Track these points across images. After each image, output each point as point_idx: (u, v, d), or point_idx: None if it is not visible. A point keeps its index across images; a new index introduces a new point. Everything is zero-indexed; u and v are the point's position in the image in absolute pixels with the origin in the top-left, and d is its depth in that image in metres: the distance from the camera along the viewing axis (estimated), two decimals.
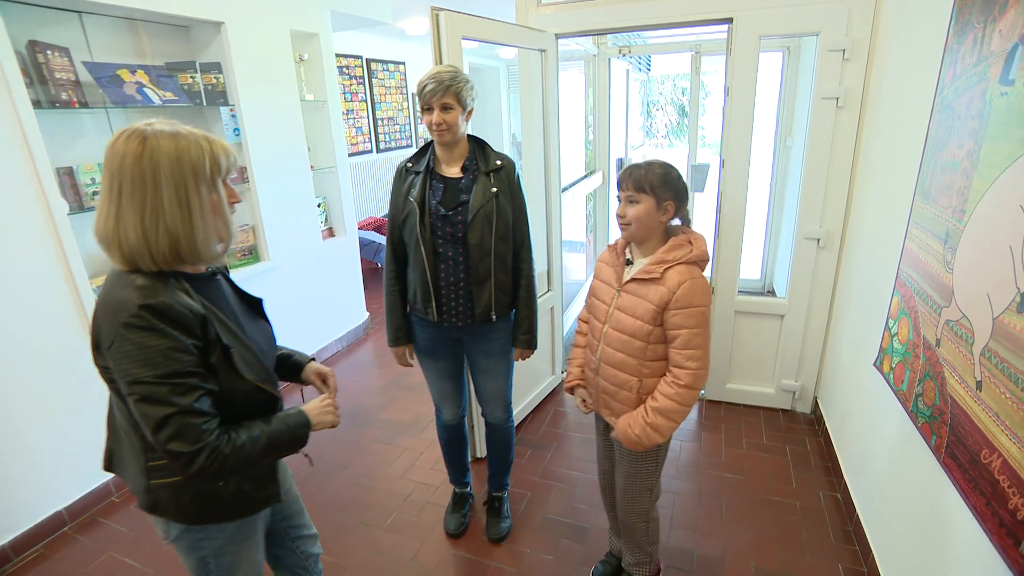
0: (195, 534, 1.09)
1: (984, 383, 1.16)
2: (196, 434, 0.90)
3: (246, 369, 1.01)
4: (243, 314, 1.14)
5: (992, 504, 1.11)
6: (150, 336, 0.89)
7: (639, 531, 1.66)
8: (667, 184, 1.36)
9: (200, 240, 0.96)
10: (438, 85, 1.52)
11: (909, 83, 1.78)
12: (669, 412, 1.40)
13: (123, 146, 0.91)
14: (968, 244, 1.26)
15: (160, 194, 0.91)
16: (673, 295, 1.34)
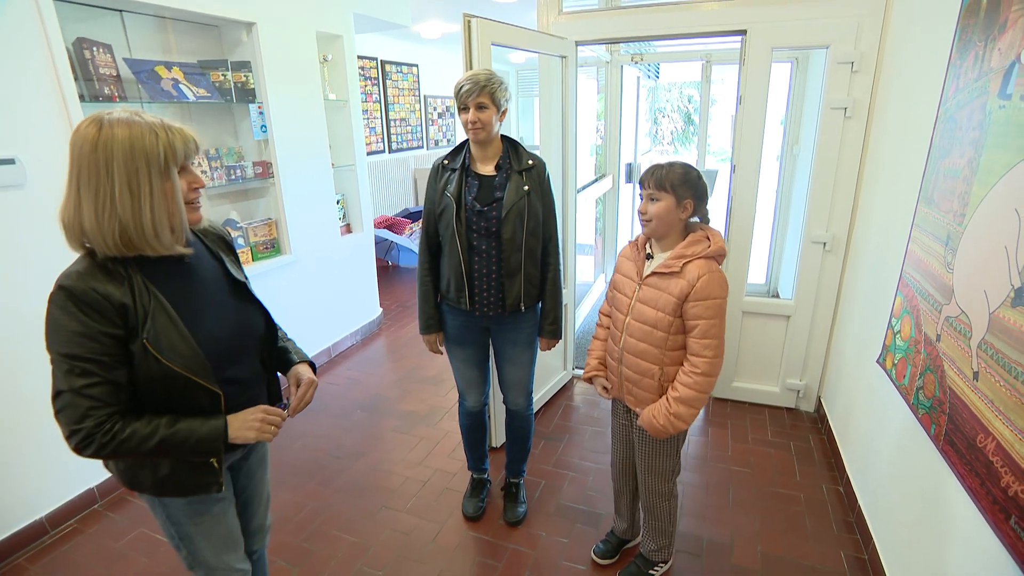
0: (150, 499, 1.16)
1: (981, 373, 1.25)
2: (78, 416, 0.94)
3: (170, 356, 1.00)
4: (217, 300, 1.14)
5: (987, 484, 1.20)
6: (62, 315, 0.94)
7: (663, 511, 1.75)
8: (687, 183, 1.46)
9: (148, 228, 0.97)
10: (474, 86, 1.62)
11: (914, 95, 1.88)
12: (690, 400, 1.50)
13: (83, 133, 0.94)
14: (967, 245, 1.36)
15: (112, 182, 0.93)
16: (692, 287, 1.44)
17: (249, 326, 1.20)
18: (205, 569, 1.24)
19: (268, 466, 1.44)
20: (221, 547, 1.23)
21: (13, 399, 2.02)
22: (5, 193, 1.94)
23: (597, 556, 1.94)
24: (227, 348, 1.13)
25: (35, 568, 2.00)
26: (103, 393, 0.95)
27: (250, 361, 1.21)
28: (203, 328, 1.07)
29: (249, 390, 1.20)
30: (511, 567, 1.94)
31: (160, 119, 0.99)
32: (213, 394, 1.07)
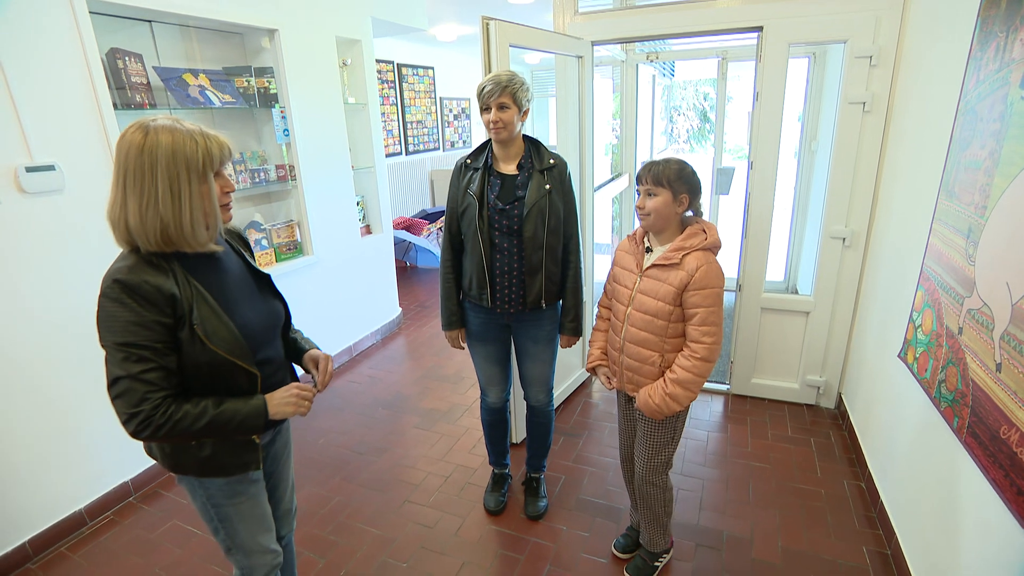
0: (189, 483, 1.23)
1: (1004, 365, 1.25)
2: (136, 400, 1.01)
3: (215, 341, 1.09)
4: (246, 291, 1.23)
5: (1011, 475, 1.21)
6: (117, 307, 1.01)
7: (656, 500, 1.77)
8: (682, 179, 1.51)
9: (187, 226, 1.05)
10: (495, 86, 1.66)
11: (934, 88, 1.88)
12: (686, 383, 1.53)
13: (130, 138, 1.02)
14: (989, 237, 1.36)
15: (155, 184, 1.01)
16: (691, 277, 1.48)
17: (275, 313, 1.30)
18: (242, 551, 1.30)
19: (292, 452, 1.51)
20: (256, 528, 1.30)
21: (54, 396, 2.11)
22: (47, 198, 2.03)
23: (618, 550, 1.96)
24: (258, 333, 1.21)
25: (76, 556, 2.08)
26: (158, 378, 1.03)
27: (276, 346, 1.30)
28: (237, 315, 1.16)
29: (278, 372, 1.28)
30: (533, 560, 1.97)
31: (199, 127, 1.07)
32: (251, 375, 1.16)
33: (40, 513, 2.11)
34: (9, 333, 1.96)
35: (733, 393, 3.02)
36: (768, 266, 2.78)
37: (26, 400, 2.02)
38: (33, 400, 2.04)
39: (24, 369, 2.01)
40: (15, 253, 1.95)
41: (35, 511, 2.09)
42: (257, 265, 1.32)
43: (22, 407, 2.01)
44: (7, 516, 2.01)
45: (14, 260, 1.95)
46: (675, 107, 10.88)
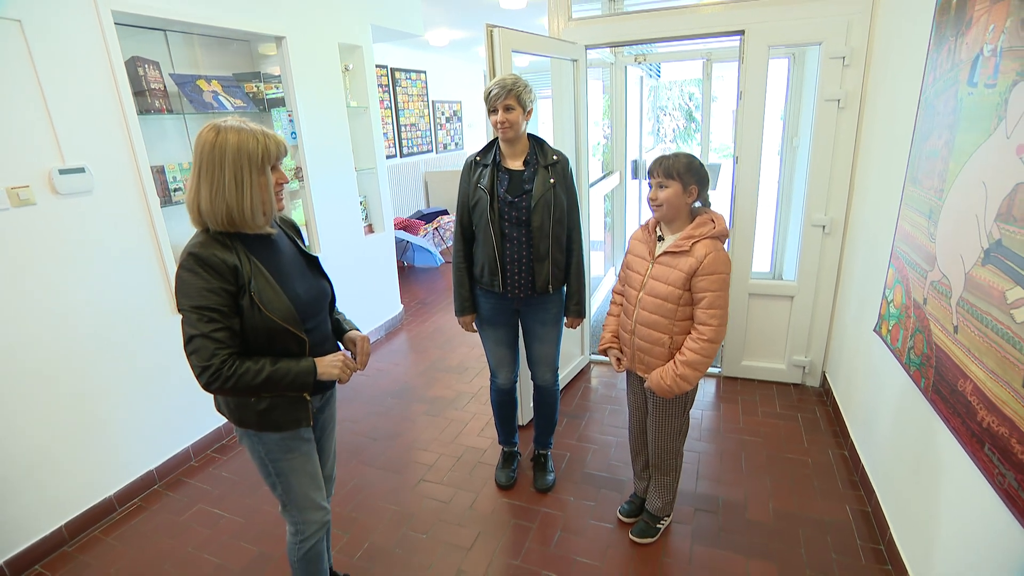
0: (250, 439, 1.39)
1: (960, 327, 1.43)
2: (207, 355, 1.18)
3: (271, 309, 1.25)
4: (297, 269, 1.39)
5: (966, 421, 1.38)
6: (191, 275, 1.19)
7: (671, 467, 1.94)
8: (691, 171, 1.66)
9: (248, 211, 1.23)
10: (501, 89, 1.81)
11: (900, 85, 2.06)
12: (695, 363, 1.68)
13: (205, 136, 1.20)
14: (946, 216, 1.54)
15: (224, 176, 1.19)
16: (700, 263, 1.63)
17: (323, 290, 1.46)
18: (296, 506, 1.46)
19: (336, 424, 1.67)
20: (309, 483, 1.46)
21: (85, 389, 2.22)
22: (78, 199, 2.15)
23: (623, 515, 2.12)
24: (307, 305, 1.37)
25: (109, 539, 2.20)
26: (225, 336, 1.20)
27: (324, 319, 1.46)
28: (289, 288, 1.32)
29: (325, 343, 1.44)
30: (544, 527, 2.13)
31: (262, 128, 1.25)
32: (301, 340, 1.32)
33: (73, 499, 2.22)
34: (45, 329, 2.07)
35: (724, 375, 3.20)
36: (755, 256, 2.96)
37: (58, 393, 2.14)
38: (65, 392, 2.16)
39: (57, 364, 2.12)
40: (50, 252, 2.07)
41: (69, 498, 2.20)
42: (307, 248, 1.49)
43: (55, 400, 2.12)
44: (45, 502, 2.12)
45: (50, 259, 2.07)
46: (661, 107, 11.13)
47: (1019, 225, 1.17)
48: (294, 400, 1.36)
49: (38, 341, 2.05)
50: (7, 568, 2.00)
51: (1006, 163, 1.23)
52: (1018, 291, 1.17)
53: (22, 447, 2.03)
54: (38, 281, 2.04)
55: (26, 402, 2.03)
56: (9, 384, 1.98)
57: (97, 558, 2.11)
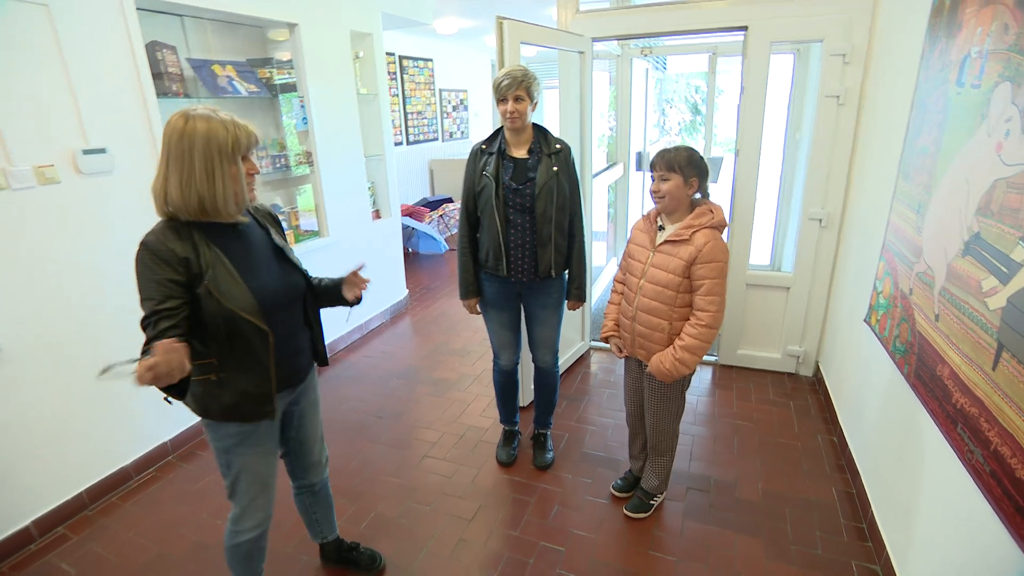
0: (210, 429, 1.40)
1: (941, 315, 1.51)
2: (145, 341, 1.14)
3: (228, 299, 1.24)
4: (265, 260, 1.38)
5: (942, 404, 1.46)
6: (141, 266, 1.20)
7: (667, 448, 2.03)
8: (692, 164, 1.73)
9: (220, 200, 1.22)
10: (512, 80, 1.88)
11: (896, 83, 2.12)
12: (693, 348, 1.76)
13: (173, 124, 1.19)
14: (933, 211, 1.61)
15: (193, 164, 1.19)
16: (699, 252, 1.71)
17: (293, 282, 1.44)
18: (239, 502, 1.49)
19: (319, 409, 1.68)
20: (258, 483, 1.48)
21: (106, 360, 2.31)
22: (99, 178, 2.23)
23: (616, 491, 2.22)
24: (275, 296, 1.37)
25: (127, 505, 2.31)
26: (167, 327, 1.16)
27: (295, 313, 1.46)
28: (255, 279, 1.32)
29: (294, 336, 1.44)
30: (542, 502, 2.23)
31: (232, 117, 1.24)
32: (263, 333, 1.31)
33: (93, 467, 2.32)
34: (67, 303, 2.16)
35: (721, 363, 3.28)
36: (753, 247, 3.03)
37: (79, 365, 2.23)
38: (85, 364, 2.24)
39: (79, 337, 2.22)
40: (73, 229, 2.16)
41: (89, 465, 2.30)
42: (280, 241, 1.45)
43: (76, 371, 2.21)
44: (67, 468, 2.22)
45: (73, 235, 2.15)
46: (667, 100, 11.12)
47: (996, 219, 1.25)
48: (258, 394, 1.35)
49: (61, 315, 2.14)
50: (34, 528, 2.11)
51: (987, 160, 1.30)
52: (992, 280, 1.25)
53: (46, 416, 2.13)
54: (61, 257, 2.12)
55: (49, 373, 2.12)
56: (33, 356, 2.07)
57: (116, 521, 2.21)
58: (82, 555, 2.05)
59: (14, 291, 1.99)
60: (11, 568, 2.00)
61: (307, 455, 1.68)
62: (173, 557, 2.03)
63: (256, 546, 1.57)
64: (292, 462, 1.70)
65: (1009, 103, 1.22)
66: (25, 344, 2.04)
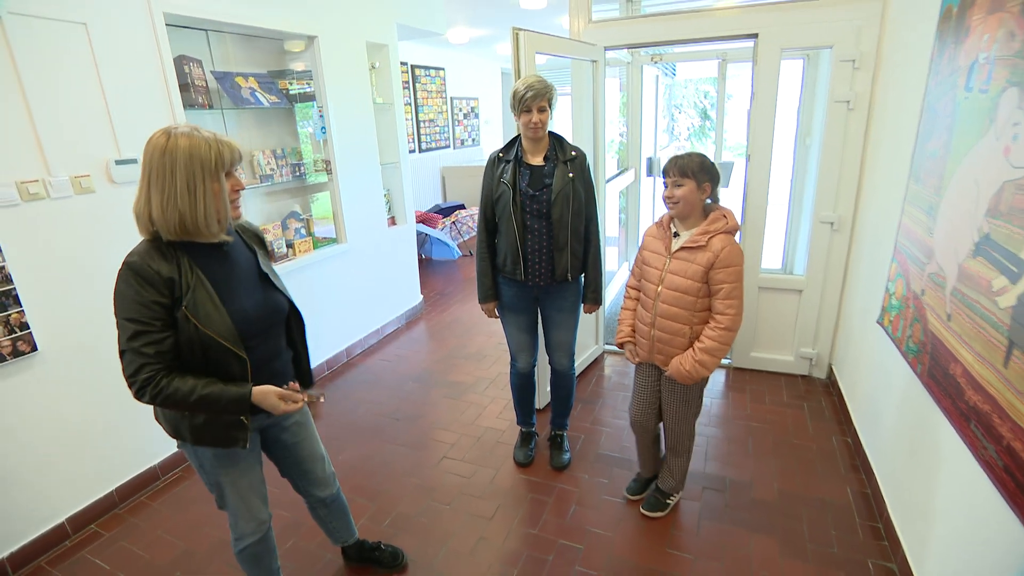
0: (186, 449, 1.41)
1: (952, 315, 1.54)
2: (134, 370, 1.17)
3: (207, 324, 1.22)
4: (249, 282, 1.35)
5: (956, 402, 1.49)
6: (124, 286, 1.17)
7: (685, 449, 2.06)
8: (704, 169, 1.76)
9: (201, 219, 1.19)
10: (536, 93, 1.93)
11: (906, 89, 2.16)
12: (713, 351, 1.80)
13: (155, 141, 1.17)
14: (943, 213, 1.64)
15: (176, 182, 1.16)
16: (717, 257, 1.74)
17: (275, 307, 1.42)
18: (232, 513, 1.50)
19: (313, 428, 1.67)
20: (245, 495, 1.48)
21: None
22: (130, 188, 2.30)
23: (630, 494, 2.24)
24: (255, 321, 1.34)
25: (156, 504, 2.38)
26: (153, 352, 1.18)
27: (276, 337, 1.44)
28: (235, 303, 1.30)
29: (273, 360, 1.41)
30: (559, 501, 2.27)
31: (214, 133, 1.23)
32: (241, 359, 1.28)
33: (123, 467, 2.39)
34: (100, 308, 2.23)
35: (734, 366, 3.31)
36: (765, 251, 3.06)
37: (111, 366, 2.29)
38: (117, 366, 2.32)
39: (111, 340, 2.29)
40: (107, 237, 2.24)
41: (119, 465, 2.38)
42: (265, 263, 1.44)
43: (108, 373, 2.29)
44: (98, 467, 2.30)
45: (107, 243, 2.24)
46: (676, 105, 11.16)
47: (1005, 220, 1.28)
48: (233, 422, 1.33)
49: (94, 319, 2.22)
50: (68, 525, 2.18)
51: (995, 163, 1.34)
52: (1002, 280, 1.28)
53: (80, 416, 2.21)
54: (95, 264, 2.21)
55: (83, 375, 2.20)
56: (69, 358, 2.15)
57: (145, 520, 2.28)
58: (114, 552, 2.12)
59: (53, 296, 2.08)
60: (48, 563, 2.08)
61: (308, 475, 1.67)
62: (199, 554, 2.09)
63: (261, 548, 1.60)
64: (295, 482, 1.70)
65: (1016, 108, 1.26)
66: (62, 347, 2.12)
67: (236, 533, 1.56)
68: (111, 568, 2.04)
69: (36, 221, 2.02)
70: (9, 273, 1.95)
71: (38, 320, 2.04)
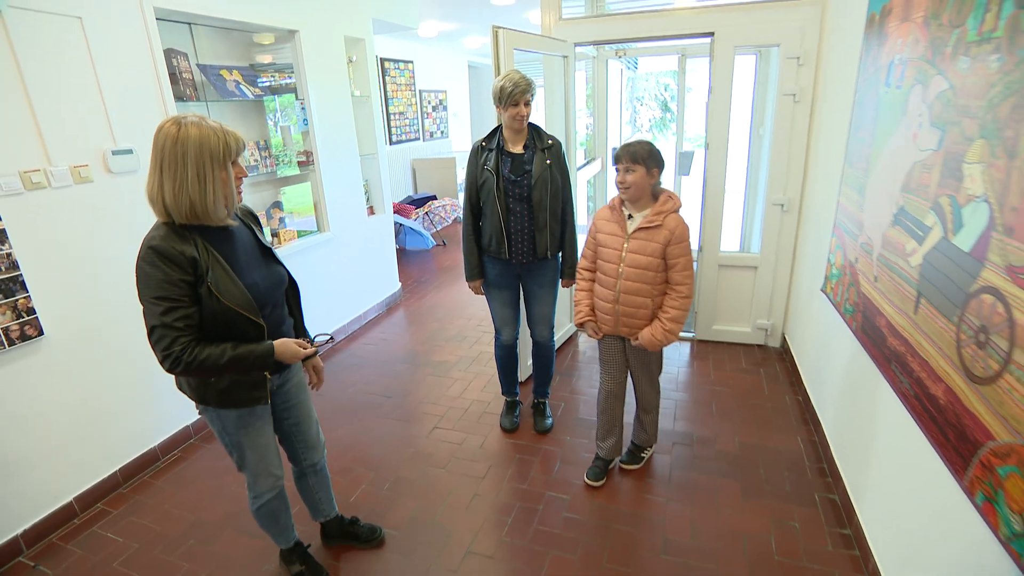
0: (208, 413, 1.53)
1: (878, 276, 1.82)
2: (168, 342, 1.26)
3: (228, 297, 1.33)
4: (254, 258, 1.47)
5: (882, 349, 1.77)
6: (151, 268, 1.26)
7: (654, 405, 2.31)
8: (652, 156, 1.95)
9: (210, 204, 1.30)
10: (524, 88, 2.12)
11: (841, 83, 2.44)
12: (678, 318, 2.02)
13: (166, 131, 1.25)
14: (870, 190, 1.92)
15: (187, 170, 1.25)
16: (673, 234, 1.95)
17: (279, 278, 1.56)
18: (249, 471, 1.65)
19: (308, 393, 1.80)
20: (262, 453, 1.63)
21: (128, 349, 2.48)
22: (126, 177, 2.40)
23: (590, 480, 2.31)
24: (265, 293, 1.47)
25: (159, 482, 2.48)
26: (185, 325, 1.29)
27: (280, 304, 1.59)
28: (248, 277, 1.42)
29: (282, 325, 1.58)
30: (545, 460, 2.48)
31: (220, 124, 1.33)
32: (258, 326, 1.42)
33: (125, 448, 2.49)
34: (101, 294, 2.33)
35: (698, 339, 3.60)
36: (724, 232, 3.35)
37: (111, 352, 2.40)
38: (117, 350, 2.42)
39: (111, 325, 2.39)
40: (106, 224, 2.33)
41: (121, 446, 2.47)
42: (264, 239, 1.57)
43: (110, 358, 2.39)
44: (101, 450, 2.39)
45: (106, 230, 2.33)
46: (638, 98, 11.51)
47: (913, 193, 1.55)
48: (252, 381, 1.47)
49: (96, 306, 2.31)
50: (76, 503, 2.28)
51: (907, 147, 1.61)
52: (913, 243, 1.55)
53: (84, 399, 2.30)
54: (96, 251, 2.29)
55: (86, 359, 2.29)
56: (74, 343, 2.24)
57: (151, 497, 2.39)
58: (125, 526, 2.23)
59: (57, 283, 2.16)
60: (60, 539, 2.17)
61: (305, 435, 1.80)
62: (210, 523, 2.22)
63: (278, 504, 1.75)
64: (291, 446, 1.81)
65: (920, 102, 1.53)
66: (68, 332, 2.21)
67: (254, 492, 1.70)
68: (124, 540, 2.15)
69: (38, 209, 2.09)
70: (16, 260, 2.03)
71: (44, 305, 2.12)
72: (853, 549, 1.92)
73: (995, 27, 1.19)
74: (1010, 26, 1.14)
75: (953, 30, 1.38)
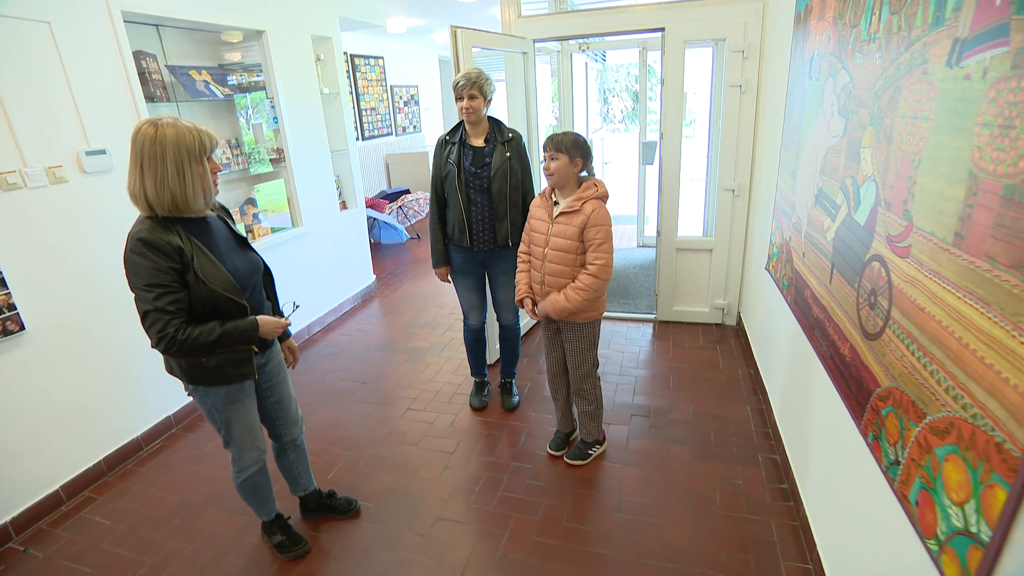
0: (199, 392, 1.64)
1: (806, 252, 2.00)
2: (162, 325, 1.38)
3: (213, 282, 1.46)
4: (231, 247, 1.60)
5: (807, 316, 1.96)
6: (141, 258, 1.37)
7: (590, 396, 2.31)
8: (576, 145, 2.05)
9: (190, 197, 1.42)
10: (468, 81, 2.26)
11: (778, 75, 2.63)
12: (579, 289, 2.05)
13: (144, 131, 1.36)
14: (800, 174, 2.11)
15: (167, 167, 1.37)
16: (588, 218, 2.03)
17: (255, 264, 1.70)
18: (235, 446, 1.77)
19: (287, 372, 1.93)
20: (248, 429, 1.76)
21: (107, 343, 2.57)
22: (100, 177, 2.48)
23: (552, 450, 2.47)
24: (245, 276, 1.61)
25: (143, 470, 2.58)
26: (176, 309, 1.42)
27: (259, 289, 1.72)
28: (229, 263, 1.55)
29: (261, 307, 1.71)
30: (511, 435, 2.64)
31: (193, 123, 1.44)
32: (242, 306, 1.56)
33: (107, 439, 2.58)
34: (80, 291, 2.42)
35: (659, 320, 3.79)
36: (686, 218, 3.53)
37: (92, 347, 2.48)
38: (97, 346, 2.50)
39: (91, 321, 2.47)
40: (82, 223, 2.41)
41: (104, 437, 2.56)
42: (238, 229, 1.71)
43: (90, 353, 2.47)
44: (85, 441, 2.48)
45: (82, 229, 2.40)
46: (609, 89, 11.69)
47: (827, 175, 1.73)
48: (240, 357, 1.60)
49: (75, 301, 2.39)
50: (63, 492, 2.37)
51: (823, 134, 1.79)
52: (828, 220, 1.73)
53: (66, 392, 2.38)
54: (74, 249, 2.37)
55: (67, 355, 2.37)
56: (53, 337, 2.32)
57: (136, 484, 2.49)
58: (111, 510, 2.33)
59: (36, 279, 2.24)
60: (49, 525, 2.26)
61: (286, 411, 1.93)
62: (195, 504, 2.34)
63: (261, 477, 1.87)
64: (273, 422, 1.93)
65: (831, 93, 1.70)
66: (47, 327, 2.29)
67: (239, 466, 1.83)
68: (112, 523, 2.26)
69: (16, 209, 2.17)
70: None
71: (24, 301, 2.20)
72: (788, 501, 2.12)
73: (878, 29, 1.37)
74: (887, 28, 1.31)
75: (852, 29, 1.56)
